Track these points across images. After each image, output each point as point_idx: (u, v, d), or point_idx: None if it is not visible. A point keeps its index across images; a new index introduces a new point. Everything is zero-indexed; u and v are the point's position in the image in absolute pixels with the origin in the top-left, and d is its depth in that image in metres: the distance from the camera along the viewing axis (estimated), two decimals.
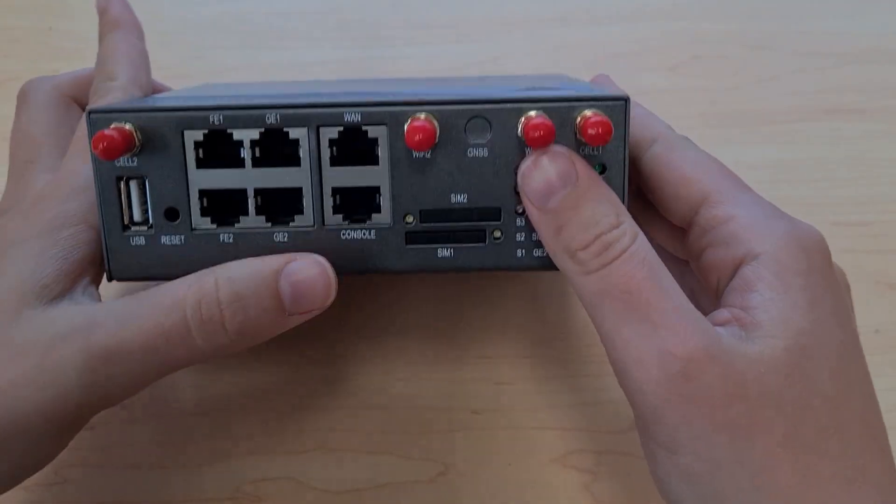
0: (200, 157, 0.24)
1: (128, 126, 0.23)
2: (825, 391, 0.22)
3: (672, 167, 0.26)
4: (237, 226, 0.25)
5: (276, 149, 0.24)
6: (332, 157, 0.24)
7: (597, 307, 0.23)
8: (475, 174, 0.25)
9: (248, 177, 0.24)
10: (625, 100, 0.24)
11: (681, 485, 0.22)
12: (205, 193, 0.25)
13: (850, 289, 0.26)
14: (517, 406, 0.33)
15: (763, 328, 0.22)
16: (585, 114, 0.24)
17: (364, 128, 0.24)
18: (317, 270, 0.24)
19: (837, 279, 0.24)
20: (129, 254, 0.25)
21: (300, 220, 0.25)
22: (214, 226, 0.25)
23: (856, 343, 0.24)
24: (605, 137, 0.23)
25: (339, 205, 0.25)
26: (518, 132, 0.24)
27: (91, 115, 0.23)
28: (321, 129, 0.24)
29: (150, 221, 0.25)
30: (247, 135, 0.24)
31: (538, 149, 0.23)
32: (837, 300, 0.23)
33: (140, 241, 0.25)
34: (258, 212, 0.25)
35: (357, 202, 0.25)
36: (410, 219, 0.25)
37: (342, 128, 0.24)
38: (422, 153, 0.24)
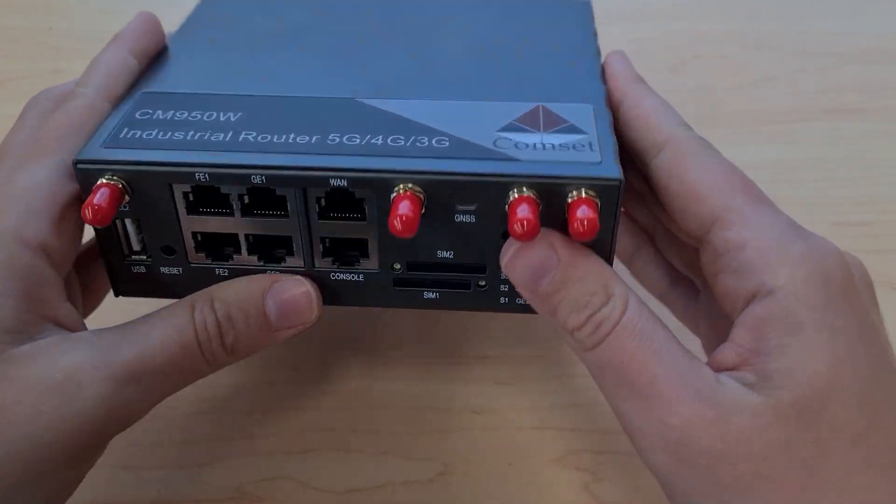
0: (191, 203, 0.24)
1: (116, 181, 0.23)
2: (849, 429, 0.21)
3: (682, 180, 0.24)
4: (231, 262, 0.25)
5: (265, 199, 0.24)
6: (321, 211, 0.24)
7: (598, 380, 0.23)
8: (462, 235, 0.24)
9: (239, 224, 0.25)
10: (619, 182, 0.23)
11: None
12: (197, 234, 0.25)
13: (873, 285, 0.25)
14: (517, 406, 0.33)
15: (772, 379, 0.21)
16: (575, 198, 0.23)
17: (351, 190, 0.24)
18: (300, 290, 0.25)
19: (860, 295, 0.23)
20: (132, 278, 0.26)
21: (291, 261, 0.25)
22: (210, 261, 0.25)
23: (884, 356, 0.22)
24: (591, 235, 0.22)
25: (329, 249, 0.25)
26: (505, 207, 0.23)
27: (78, 166, 0.23)
28: (308, 189, 0.24)
29: (149, 253, 0.25)
30: (234, 190, 0.24)
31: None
32: (862, 322, 0.22)
33: (141, 269, 0.26)
34: (250, 251, 0.25)
35: (346, 248, 0.25)
36: (398, 266, 0.25)
37: (329, 189, 0.24)
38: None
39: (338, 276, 0.26)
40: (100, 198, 0.22)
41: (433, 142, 0.24)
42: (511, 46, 0.30)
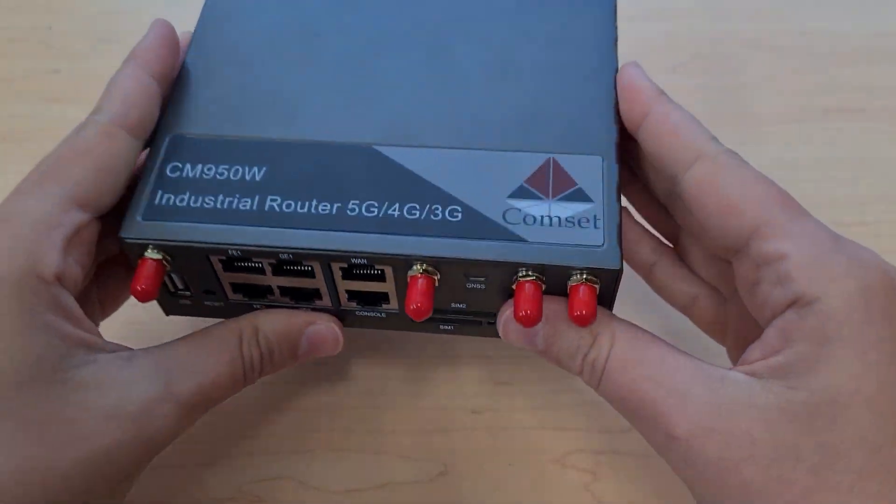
0: (226, 264, 0.27)
1: (159, 254, 0.26)
2: (870, 438, 0.21)
3: (717, 194, 0.25)
4: (266, 300, 0.28)
5: (293, 263, 0.27)
6: (344, 275, 0.27)
7: (618, 411, 0.25)
8: (472, 294, 0.27)
9: (271, 279, 0.27)
10: (618, 271, 0.25)
11: None
12: (234, 284, 0.28)
13: None
14: (517, 406, 0.33)
15: (786, 379, 0.22)
16: (576, 283, 0.25)
17: (370, 265, 0.26)
18: (331, 332, 0.28)
19: None
20: (179, 306, 0.29)
21: (320, 303, 0.28)
22: (247, 299, 0.28)
23: None
24: (589, 322, 0.24)
25: (353, 296, 0.28)
26: (511, 283, 0.25)
27: (124, 241, 0.26)
28: (331, 263, 0.26)
29: (192, 292, 0.28)
30: (265, 260, 0.26)
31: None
32: None
33: (186, 302, 0.29)
34: (283, 294, 0.28)
35: (369, 297, 0.28)
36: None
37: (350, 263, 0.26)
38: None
39: (362, 313, 0.29)
40: (146, 280, 0.25)
41: (447, 213, 0.26)
42: (527, 65, 0.30)
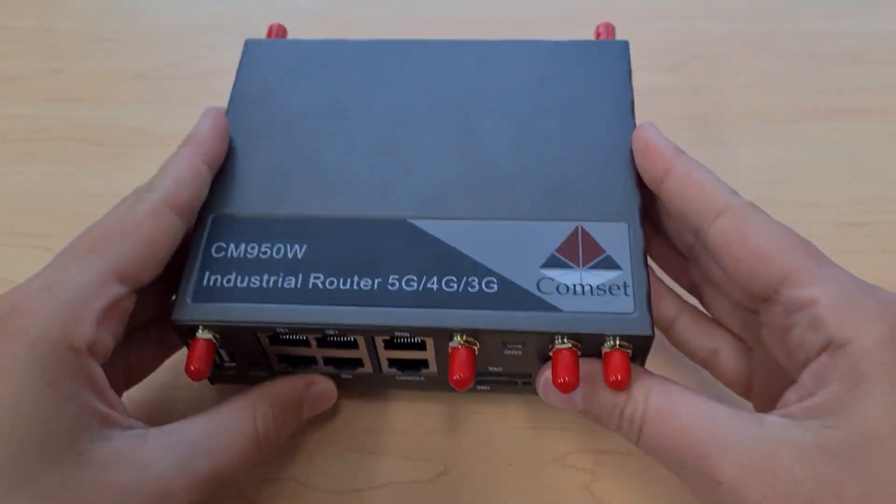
0: (273, 339, 0.28)
1: (209, 334, 0.27)
2: None
3: (745, 244, 0.25)
4: (310, 369, 0.30)
5: (338, 337, 0.28)
6: (386, 345, 0.28)
7: (660, 463, 0.26)
8: (510, 360, 0.28)
9: (315, 351, 0.29)
10: (650, 337, 0.26)
11: None
12: (280, 356, 0.29)
13: None
14: (517, 406, 0.33)
15: (822, 419, 0.23)
16: (610, 349, 0.26)
17: (412, 337, 0.27)
18: (329, 390, 0.30)
19: None
20: (225, 377, 0.30)
21: (361, 369, 0.30)
22: (292, 368, 0.30)
23: None
24: (624, 386, 0.25)
25: (394, 363, 0.29)
26: (548, 350, 0.27)
27: (175, 323, 0.27)
28: (375, 336, 0.28)
29: (238, 364, 0.29)
30: (311, 335, 0.28)
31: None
32: None
33: (232, 372, 0.30)
34: (326, 364, 0.30)
35: (410, 363, 0.29)
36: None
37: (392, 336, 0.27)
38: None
39: (402, 378, 0.30)
40: (199, 360, 0.26)
41: (483, 285, 0.27)
42: (549, 135, 0.31)
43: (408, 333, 0.27)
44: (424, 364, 0.29)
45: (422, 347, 0.28)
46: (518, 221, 0.29)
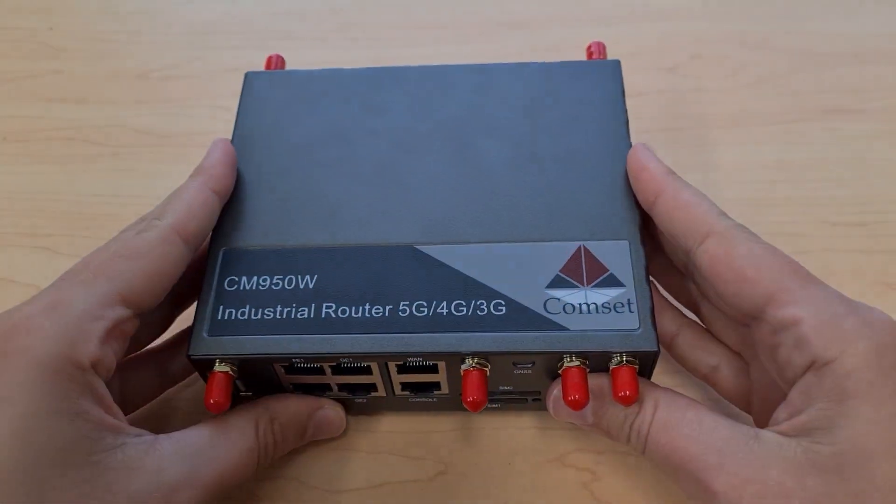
0: (288, 369, 0.28)
1: (226, 367, 0.27)
2: (890, 482, 0.22)
3: (731, 265, 0.26)
4: (325, 395, 0.30)
5: (352, 363, 0.28)
6: (399, 370, 0.28)
7: (661, 469, 0.27)
8: (519, 378, 0.29)
9: (330, 378, 0.29)
10: (655, 353, 0.27)
11: None
12: (295, 384, 0.30)
13: None
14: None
15: (811, 436, 0.23)
16: (617, 364, 0.27)
17: (425, 361, 0.28)
18: (337, 418, 0.31)
19: None
20: (242, 400, 0.30)
21: (375, 393, 0.30)
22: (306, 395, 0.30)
23: None
24: (633, 401, 0.26)
25: (407, 386, 0.30)
26: (557, 369, 0.27)
27: (192, 358, 0.27)
28: (388, 362, 0.28)
29: (255, 392, 0.30)
30: (326, 364, 0.28)
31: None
32: None
33: (249, 395, 0.30)
34: (340, 389, 0.30)
35: (422, 386, 0.30)
36: None
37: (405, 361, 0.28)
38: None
39: (415, 399, 0.31)
40: (217, 393, 0.27)
41: (491, 307, 0.28)
42: (547, 156, 0.32)
43: (420, 360, 0.27)
44: (436, 386, 0.30)
45: (434, 370, 0.28)
46: (521, 243, 0.29)
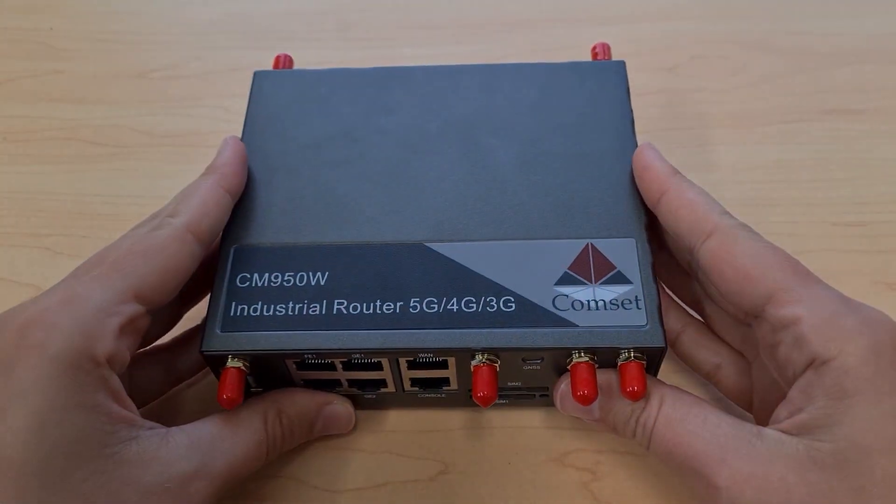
0: (300, 364, 0.29)
1: (239, 363, 0.27)
2: (890, 477, 0.22)
3: (732, 264, 0.26)
4: (335, 391, 0.31)
5: (363, 359, 0.28)
6: (409, 366, 0.29)
7: (665, 465, 0.27)
8: (528, 374, 0.29)
9: (341, 374, 0.29)
10: (663, 349, 0.27)
11: None
12: (306, 380, 0.30)
13: None
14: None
15: (813, 433, 0.24)
16: (625, 360, 0.27)
17: (435, 357, 0.28)
18: (346, 414, 0.31)
19: None
20: (252, 395, 0.30)
21: (384, 389, 0.30)
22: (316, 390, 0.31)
23: None
24: (640, 396, 0.26)
25: (416, 382, 0.30)
26: (566, 364, 0.27)
27: (206, 355, 0.28)
28: (399, 358, 0.28)
29: (266, 387, 0.30)
30: (337, 359, 0.28)
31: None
32: None
33: (259, 390, 0.30)
34: (350, 385, 0.30)
35: (431, 382, 0.30)
36: None
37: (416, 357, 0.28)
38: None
39: (424, 395, 0.31)
40: (230, 388, 0.27)
41: (501, 304, 0.28)
42: (554, 155, 0.32)
43: (431, 356, 0.28)
44: (445, 382, 0.30)
45: (443, 366, 0.29)
46: (530, 241, 0.29)
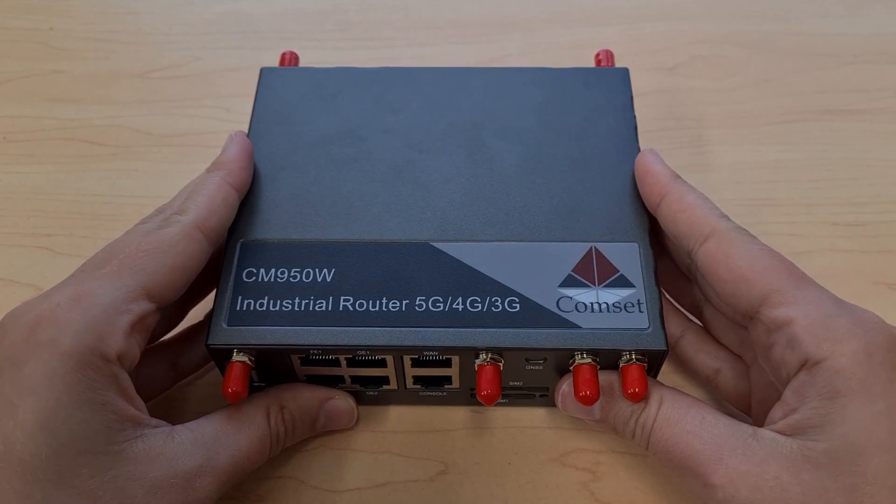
0: (304, 360, 0.29)
1: (244, 357, 0.28)
2: (885, 478, 0.22)
3: (729, 266, 0.27)
4: (337, 386, 0.31)
5: (367, 356, 0.28)
6: (413, 363, 0.29)
7: (664, 465, 0.27)
8: (530, 374, 0.29)
9: (345, 370, 0.29)
10: (664, 352, 0.27)
11: None
12: (310, 375, 0.30)
13: None
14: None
15: (806, 433, 0.24)
16: (626, 362, 0.27)
17: (440, 355, 0.28)
18: (348, 409, 0.31)
19: None
20: (255, 390, 0.30)
21: (386, 387, 0.31)
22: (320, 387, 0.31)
23: None
24: (641, 398, 0.27)
25: (419, 380, 0.30)
26: (569, 365, 0.28)
27: (212, 348, 0.28)
28: (403, 355, 0.29)
29: (269, 382, 0.30)
30: (341, 356, 0.28)
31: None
32: None
33: (262, 385, 0.30)
34: (353, 382, 0.31)
35: (434, 380, 0.30)
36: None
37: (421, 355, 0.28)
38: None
39: (425, 393, 0.31)
40: (235, 382, 0.27)
41: (506, 304, 0.28)
42: (559, 158, 0.32)
43: (436, 353, 0.28)
44: (448, 380, 0.30)
45: (447, 364, 0.29)
46: (534, 243, 0.30)
